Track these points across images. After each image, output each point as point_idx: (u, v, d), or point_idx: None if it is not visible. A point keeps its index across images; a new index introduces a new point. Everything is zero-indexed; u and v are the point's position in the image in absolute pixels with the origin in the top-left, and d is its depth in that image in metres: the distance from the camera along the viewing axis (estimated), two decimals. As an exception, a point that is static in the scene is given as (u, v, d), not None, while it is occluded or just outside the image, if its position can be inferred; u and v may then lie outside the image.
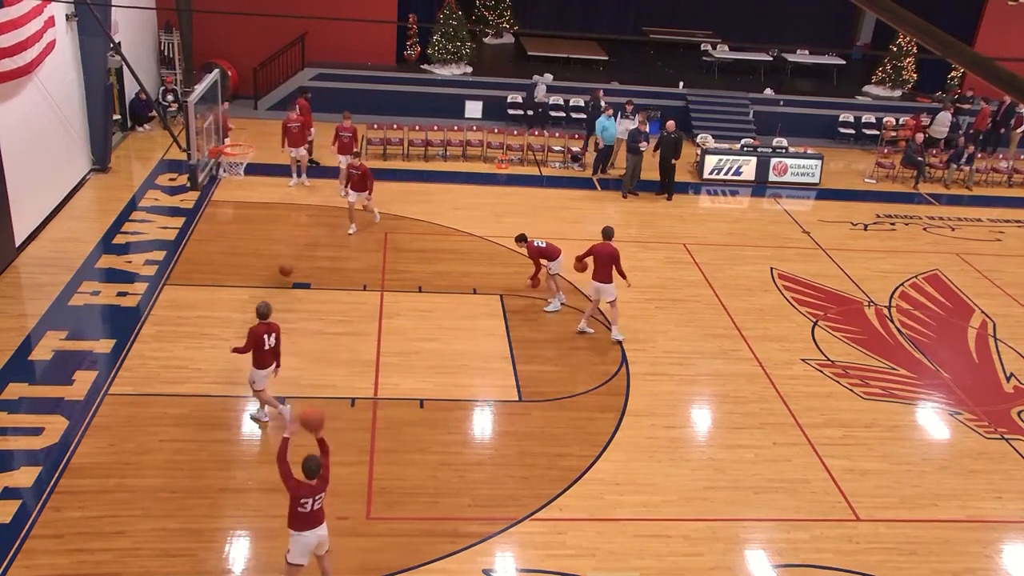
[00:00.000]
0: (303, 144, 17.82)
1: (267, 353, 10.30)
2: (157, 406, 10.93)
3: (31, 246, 14.59)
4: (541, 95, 22.14)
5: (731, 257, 16.43)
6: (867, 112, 23.94)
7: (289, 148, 17.66)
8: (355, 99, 21.04)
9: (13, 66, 13.49)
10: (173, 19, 20.65)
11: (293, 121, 17.50)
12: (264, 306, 10.28)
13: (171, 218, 16.13)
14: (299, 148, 17.70)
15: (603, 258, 12.87)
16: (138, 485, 9.62)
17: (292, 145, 17.63)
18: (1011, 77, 3.03)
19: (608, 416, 11.50)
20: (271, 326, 10.28)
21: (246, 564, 8.80)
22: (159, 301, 13.33)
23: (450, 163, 20.18)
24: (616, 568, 9.07)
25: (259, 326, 10.21)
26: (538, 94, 22.11)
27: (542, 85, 22.18)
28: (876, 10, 3.57)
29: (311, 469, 7.83)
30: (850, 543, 9.69)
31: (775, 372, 12.82)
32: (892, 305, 15.16)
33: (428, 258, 15.33)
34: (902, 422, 11.99)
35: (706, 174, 20.43)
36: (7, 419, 10.49)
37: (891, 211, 19.50)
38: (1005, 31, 24.34)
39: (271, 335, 10.28)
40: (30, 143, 14.59)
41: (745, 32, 26.78)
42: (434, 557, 8.97)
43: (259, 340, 10.17)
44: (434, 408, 11.36)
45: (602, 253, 12.91)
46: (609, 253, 12.87)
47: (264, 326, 10.21)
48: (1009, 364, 13.65)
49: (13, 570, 8.42)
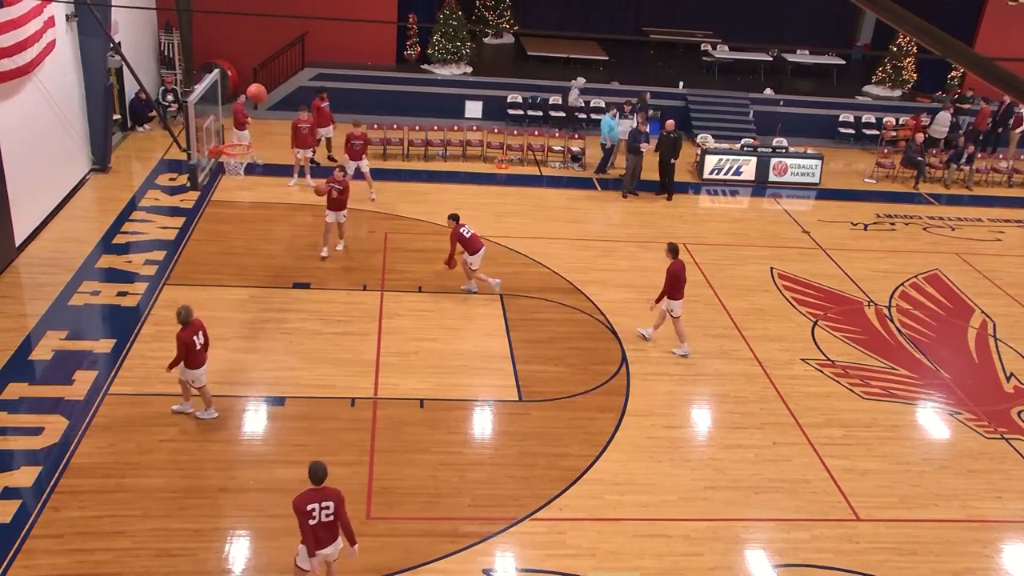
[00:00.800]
0: (312, 146, 17.77)
1: (200, 352, 10.32)
2: (157, 406, 10.93)
3: (31, 246, 14.59)
4: (574, 99, 22.09)
5: (731, 257, 16.43)
6: (867, 112, 23.94)
7: (297, 148, 17.61)
8: (355, 99, 21.04)
9: (13, 66, 13.49)
10: (173, 19, 20.65)
11: (303, 122, 17.45)
12: (184, 311, 10.18)
13: (171, 218, 16.13)
14: (306, 149, 17.64)
15: (672, 276, 12.72)
16: (138, 485, 9.63)
17: (300, 146, 17.57)
18: (1011, 77, 3.03)
19: (608, 416, 11.50)
20: (195, 326, 10.26)
21: (246, 564, 8.80)
22: (159, 301, 13.32)
23: (450, 163, 20.18)
24: (616, 568, 9.07)
25: (185, 331, 10.14)
26: (571, 98, 22.06)
27: (575, 89, 22.11)
28: (876, 10, 3.57)
29: (318, 474, 7.69)
30: (850, 543, 9.69)
31: (775, 372, 12.82)
32: (892, 305, 15.16)
33: (428, 258, 15.33)
34: (902, 422, 11.99)
35: (706, 174, 20.43)
36: (7, 419, 10.49)
37: (891, 211, 19.50)
38: (1005, 31, 24.33)
39: (199, 334, 10.27)
40: (30, 143, 14.60)
41: (745, 32, 26.77)
42: (434, 557, 8.97)
43: (190, 344, 10.14)
44: (434, 408, 11.36)
45: (674, 272, 12.74)
46: (676, 271, 12.72)
47: (190, 329, 10.17)
48: (1009, 364, 13.65)
49: (13, 570, 8.42)
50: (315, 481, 7.72)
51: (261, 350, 12.26)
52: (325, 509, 7.70)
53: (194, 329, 10.21)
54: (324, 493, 7.72)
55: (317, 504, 7.68)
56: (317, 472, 7.72)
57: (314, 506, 7.66)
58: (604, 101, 22.46)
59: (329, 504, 7.72)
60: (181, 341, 10.13)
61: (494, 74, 23.54)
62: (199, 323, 10.34)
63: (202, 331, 10.37)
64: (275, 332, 12.71)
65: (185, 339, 10.11)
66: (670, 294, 12.73)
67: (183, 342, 10.11)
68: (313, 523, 7.66)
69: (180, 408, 10.78)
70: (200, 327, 10.35)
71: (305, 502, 7.66)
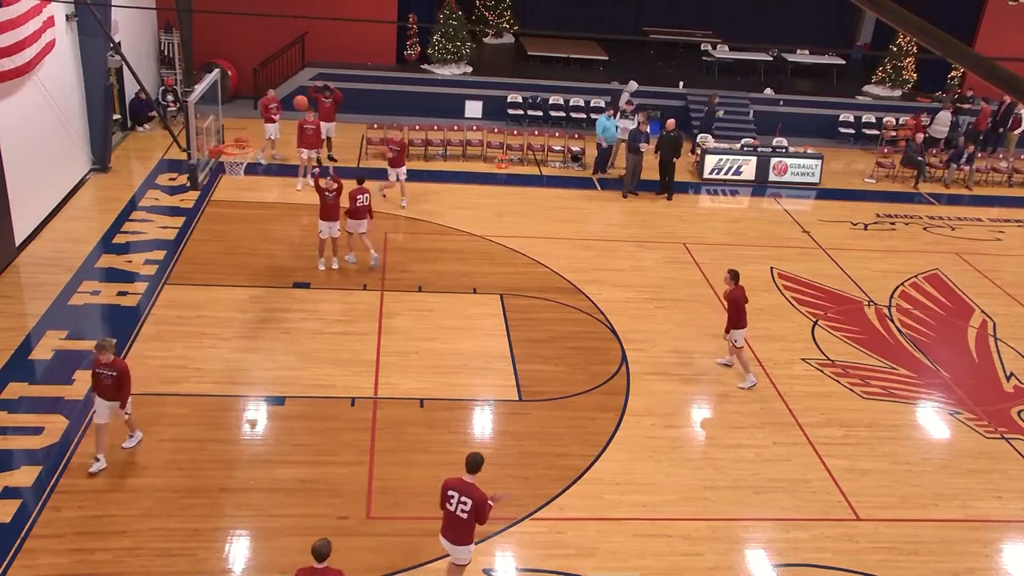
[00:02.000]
0: (317, 146, 17.72)
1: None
2: (157, 406, 10.93)
3: (31, 246, 14.59)
4: (624, 102, 22.02)
5: (731, 257, 16.41)
6: (867, 112, 23.94)
7: (301, 148, 17.56)
8: (355, 99, 21.02)
9: (11, 66, 13.48)
10: (173, 19, 20.63)
11: (309, 123, 17.40)
12: (102, 344, 9.55)
13: (171, 218, 16.13)
14: (311, 150, 17.60)
15: (734, 303, 12.06)
16: (138, 485, 9.62)
17: (306, 146, 17.49)
18: (1011, 77, 3.03)
19: (608, 416, 11.50)
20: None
21: (246, 564, 8.80)
22: (159, 301, 13.33)
23: (450, 163, 20.18)
24: (616, 568, 9.08)
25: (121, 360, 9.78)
26: (622, 101, 22.01)
27: (626, 93, 22.08)
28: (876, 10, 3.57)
29: (321, 552, 7.18)
30: (850, 543, 9.69)
31: (775, 372, 12.82)
32: (892, 305, 15.15)
33: (428, 258, 15.33)
34: (902, 422, 11.99)
35: (706, 174, 20.43)
36: (7, 419, 10.49)
37: (891, 211, 19.50)
38: (1005, 31, 24.32)
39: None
40: (30, 143, 14.59)
41: (745, 32, 26.75)
42: (434, 557, 8.96)
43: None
44: (434, 408, 11.36)
45: (736, 298, 12.05)
46: (737, 297, 12.01)
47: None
48: (1009, 363, 13.65)
49: (13, 570, 8.42)
50: (318, 559, 7.15)
51: (261, 350, 12.26)
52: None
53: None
54: (327, 574, 7.20)
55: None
56: (320, 551, 7.14)
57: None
58: (604, 101, 22.46)
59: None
60: (126, 371, 9.65)
61: (494, 74, 23.54)
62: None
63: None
64: (275, 332, 12.71)
65: (93, 366, 9.69)
66: (734, 323, 12.11)
67: (127, 372, 9.65)
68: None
69: (131, 444, 10.15)
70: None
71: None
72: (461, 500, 7.78)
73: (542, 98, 22.84)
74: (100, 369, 9.57)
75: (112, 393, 9.62)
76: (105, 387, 9.62)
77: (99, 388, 9.68)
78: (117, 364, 9.58)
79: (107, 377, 9.56)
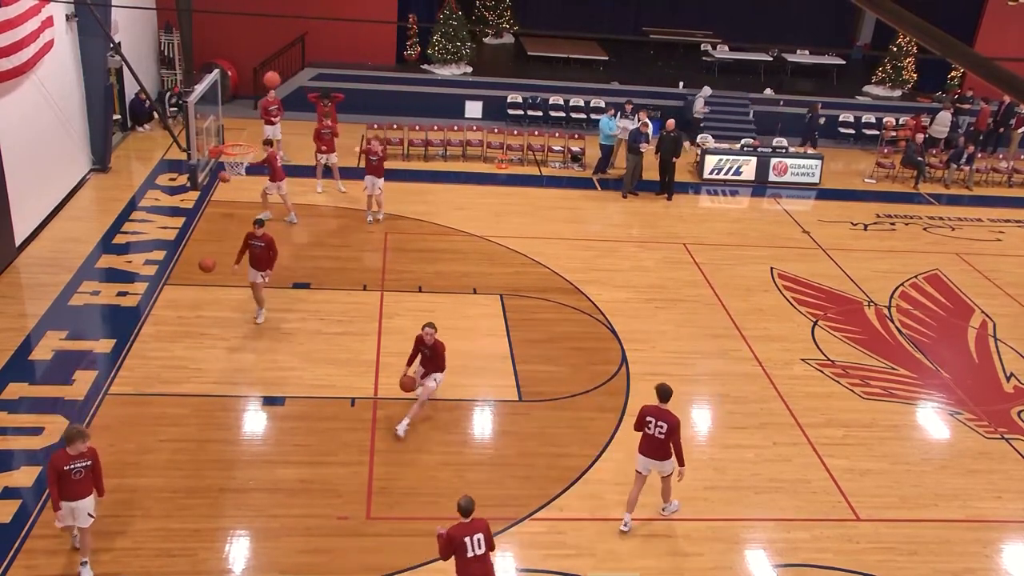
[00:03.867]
0: (335, 150, 17.60)
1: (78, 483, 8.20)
2: (157, 406, 10.93)
3: (31, 246, 14.59)
4: (699, 107, 21.96)
5: (731, 257, 16.43)
6: (867, 112, 23.93)
7: (321, 155, 17.35)
8: (355, 99, 21.02)
9: (9, 66, 13.48)
10: (173, 19, 20.65)
11: (326, 127, 17.30)
12: (79, 431, 8.10)
13: (171, 218, 16.13)
14: (331, 154, 17.45)
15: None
16: (138, 485, 9.62)
17: (328, 151, 17.31)
18: (1011, 77, 3.03)
19: (608, 416, 11.50)
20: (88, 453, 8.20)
21: (246, 564, 8.80)
22: (159, 301, 13.33)
23: (450, 163, 20.17)
24: (616, 568, 9.07)
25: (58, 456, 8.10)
26: (696, 106, 21.94)
27: (700, 99, 22.01)
28: (876, 10, 3.57)
29: (467, 508, 7.77)
30: (850, 543, 9.69)
31: (775, 372, 12.82)
32: (892, 305, 15.15)
33: (428, 258, 15.33)
34: (902, 422, 11.99)
35: (706, 174, 20.42)
36: (7, 419, 10.49)
37: (891, 211, 19.50)
38: (1005, 31, 24.33)
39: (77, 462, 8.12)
40: (30, 143, 14.59)
41: (745, 32, 26.74)
42: (434, 557, 8.95)
43: (61, 473, 8.03)
44: (434, 408, 11.36)
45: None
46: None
47: (66, 456, 8.06)
48: (1009, 364, 13.65)
49: (13, 570, 8.42)
50: (464, 515, 7.72)
51: (261, 350, 12.26)
52: (477, 540, 7.66)
53: (68, 459, 8.02)
54: (474, 526, 7.70)
55: (470, 537, 7.64)
56: (467, 507, 7.72)
57: (468, 539, 7.62)
58: (604, 101, 22.47)
59: (480, 536, 7.68)
60: (97, 455, 8.23)
61: (494, 74, 23.54)
62: (92, 450, 8.24)
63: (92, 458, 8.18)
64: (275, 332, 12.71)
65: (56, 466, 7.97)
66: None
67: (53, 468, 7.98)
68: (470, 556, 7.62)
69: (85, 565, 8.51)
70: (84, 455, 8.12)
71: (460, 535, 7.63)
72: (658, 424, 9.11)
73: (542, 98, 22.84)
74: (73, 463, 7.99)
75: (86, 488, 8.15)
76: (78, 484, 8.05)
77: (71, 488, 8.01)
78: (91, 452, 8.15)
79: (79, 472, 8.02)
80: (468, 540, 7.59)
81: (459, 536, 7.60)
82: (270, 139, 16.43)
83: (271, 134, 18.37)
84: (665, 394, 9.25)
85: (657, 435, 9.15)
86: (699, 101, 21.97)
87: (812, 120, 21.88)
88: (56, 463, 7.95)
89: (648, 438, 9.24)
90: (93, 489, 8.22)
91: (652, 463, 9.33)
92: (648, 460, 9.32)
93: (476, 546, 7.60)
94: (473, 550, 7.58)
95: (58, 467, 7.94)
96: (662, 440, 9.16)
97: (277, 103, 18.40)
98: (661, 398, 9.24)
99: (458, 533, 7.62)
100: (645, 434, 9.27)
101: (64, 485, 7.99)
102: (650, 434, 9.21)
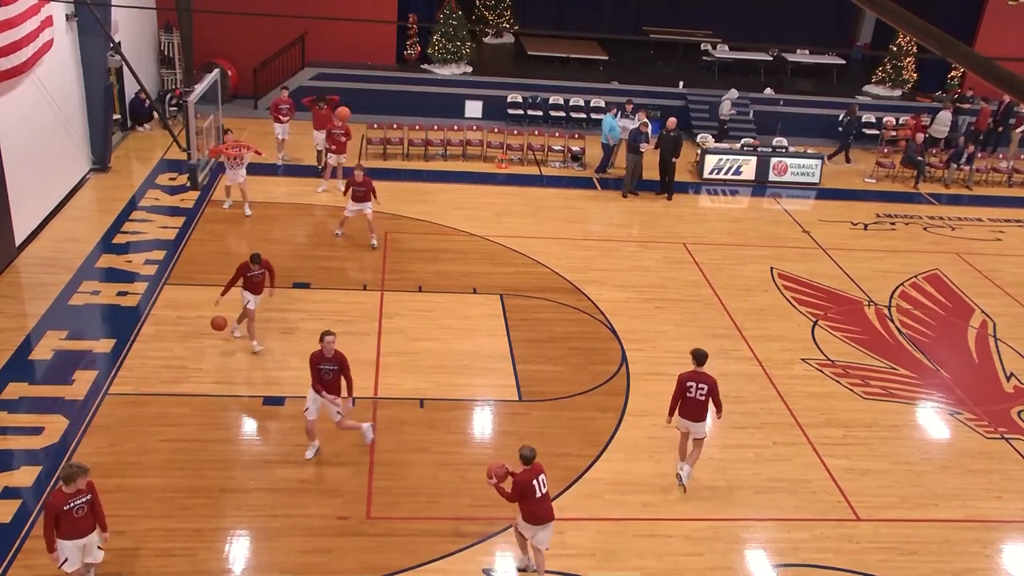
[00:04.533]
0: (344, 152, 17.59)
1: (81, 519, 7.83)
2: (157, 406, 10.93)
3: (31, 246, 14.59)
4: (726, 110, 21.92)
5: (731, 257, 16.43)
6: (867, 112, 23.92)
7: (332, 155, 17.33)
8: (355, 99, 21.00)
9: (8, 65, 13.48)
10: (173, 19, 20.64)
11: (337, 128, 17.23)
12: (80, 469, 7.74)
13: (171, 218, 16.13)
14: (340, 155, 17.40)
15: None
16: (138, 485, 9.62)
17: (338, 151, 17.29)
18: (1011, 77, 3.02)
19: (608, 416, 11.50)
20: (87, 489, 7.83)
21: (246, 564, 8.80)
22: (159, 301, 13.33)
23: (450, 163, 20.17)
24: (616, 568, 9.07)
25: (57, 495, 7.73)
26: (723, 109, 21.91)
27: (727, 101, 21.99)
28: (876, 10, 3.57)
29: (529, 456, 8.45)
30: (850, 543, 9.69)
31: (775, 372, 12.82)
32: (892, 305, 15.15)
33: (428, 258, 15.33)
34: (902, 422, 11.99)
35: (706, 174, 20.42)
36: (7, 419, 10.49)
37: (891, 211, 19.50)
38: (1005, 31, 24.32)
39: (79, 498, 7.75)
40: (30, 143, 14.59)
41: (745, 32, 26.74)
42: (434, 557, 8.98)
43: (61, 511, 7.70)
44: (434, 408, 11.36)
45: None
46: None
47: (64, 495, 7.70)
48: (1009, 364, 13.65)
49: (13, 570, 8.42)
50: (526, 463, 8.39)
51: (261, 350, 12.25)
52: (543, 483, 8.42)
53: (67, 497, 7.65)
54: (535, 469, 8.41)
55: (536, 479, 8.35)
56: (528, 456, 8.40)
57: (535, 481, 8.34)
58: (604, 101, 22.47)
59: (543, 476, 8.44)
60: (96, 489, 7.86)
61: (494, 74, 23.54)
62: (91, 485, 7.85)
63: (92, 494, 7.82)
64: (275, 332, 12.71)
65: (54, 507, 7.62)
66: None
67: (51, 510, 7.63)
68: (538, 496, 8.40)
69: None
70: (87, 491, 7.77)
71: (528, 479, 8.35)
72: (699, 386, 9.74)
73: (542, 98, 22.84)
74: (72, 501, 7.64)
75: (90, 523, 7.81)
76: (82, 521, 7.69)
77: (75, 526, 7.65)
78: (90, 486, 7.81)
79: (80, 508, 7.65)
80: (535, 482, 8.35)
81: (528, 480, 8.32)
82: (228, 129, 16.61)
83: (280, 133, 18.46)
84: (702, 358, 9.86)
85: (698, 397, 9.80)
86: (726, 104, 21.89)
87: (850, 123, 21.91)
88: (54, 504, 7.59)
89: (689, 401, 9.83)
90: (96, 524, 7.87)
91: (690, 424, 9.97)
92: (687, 422, 9.98)
93: (542, 485, 8.39)
94: (540, 490, 8.38)
95: (56, 507, 7.57)
96: (702, 401, 9.82)
97: (289, 103, 18.39)
98: (698, 362, 9.85)
99: (526, 478, 8.32)
100: (686, 398, 9.83)
101: (67, 525, 7.63)
102: (691, 397, 9.81)
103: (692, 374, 9.90)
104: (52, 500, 7.66)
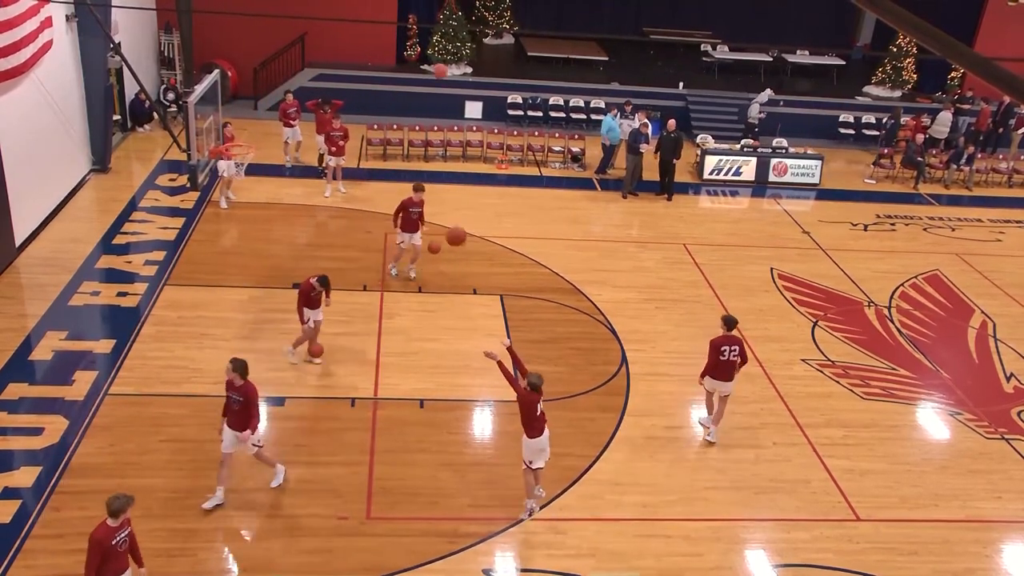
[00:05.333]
0: (343, 154, 17.55)
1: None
2: (157, 406, 10.93)
3: (31, 246, 14.59)
4: (754, 114, 21.89)
5: (731, 257, 16.43)
6: (867, 112, 23.93)
7: (331, 156, 17.35)
8: (355, 99, 21.01)
9: (8, 66, 13.48)
10: (173, 19, 20.63)
11: (336, 130, 17.21)
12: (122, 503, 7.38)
13: (171, 218, 16.13)
14: (339, 157, 17.38)
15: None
16: (138, 485, 9.58)
17: (337, 153, 17.30)
18: (1011, 77, 3.03)
19: (608, 416, 11.50)
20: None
21: (246, 564, 8.80)
22: (159, 301, 13.32)
23: (450, 163, 20.17)
24: (616, 568, 9.07)
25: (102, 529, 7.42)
26: (752, 112, 21.86)
27: (756, 104, 21.94)
28: (876, 10, 3.57)
29: (535, 385, 9.19)
30: (850, 543, 9.69)
31: (775, 372, 12.82)
32: (892, 305, 15.15)
33: (428, 258, 15.29)
34: (902, 422, 11.99)
35: (706, 174, 20.42)
36: (7, 419, 10.49)
37: (891, 211, 19.50)
38: (1005, 31, 24.32)
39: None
40: (30, 143, 14.59)
41: (745, 32, 26.76)
42: (434, 557, 8.97)
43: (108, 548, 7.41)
44: (434, 408, 11.36)
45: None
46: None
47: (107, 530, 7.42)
48: (1009, 364, 13.65)
49: (13, 570, 8.43)
50: (534, 390, 9.27)
51: (261, 350, 12.24)
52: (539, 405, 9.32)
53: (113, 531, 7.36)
54: (539, 396, 9.34)
55: (539, 403, 9.24)
56: (536, 384, 9.28)
57: (538, 404, 9.26)
58: (604, 102, 22.47)
59: (541, 401, 9.33)
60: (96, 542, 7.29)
61: (494, 74, 23.55)
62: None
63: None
64: (275, 332, 12.70)
65: (103, 543, 7.29)
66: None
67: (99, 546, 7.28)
68: (538, 414, 9.29)
69: None
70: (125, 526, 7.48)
71: (533, 400, 9.25)
72: (731, 348, 10.61)
73: (542, 98, 22.85)
74: (118, 535, 7.41)
75: (127, 560, 7.62)
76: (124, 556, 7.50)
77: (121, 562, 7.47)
78: (127, 519, 7.52)
79: (123, 542, 7.45)
80: (538, 405, 9.17)
81: (533, 401, 9.19)
82: (227, 121, 16.73)
83: (290, 137, 18.52)
84: (732, 323, 10.80)
85: (731, 359, 10.65)
86: (755, 107, 21.83)
87: (894, 126, 21.89)
88: (103, 540, 7.24)
89: (723, 364, 10.66)
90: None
91: (720, 385, 10.81)
92: (718, 383, 10.81)
93: (539, 406, 9.27)
94: (538, 410, 9.25)
95: (105, 544, 7.24)
96: (734, 362, 10.70)
97: (295, 106, 18.40)
98: (729, 327, 10.75)
99: (531, 399, 9.17)
100: (719, 361, 10.65)
101: (113, 561, 7.33)
102: (725, 359, 10.64)
103: (724, 338, 10.68)
104: (100, 536, 7.27)
